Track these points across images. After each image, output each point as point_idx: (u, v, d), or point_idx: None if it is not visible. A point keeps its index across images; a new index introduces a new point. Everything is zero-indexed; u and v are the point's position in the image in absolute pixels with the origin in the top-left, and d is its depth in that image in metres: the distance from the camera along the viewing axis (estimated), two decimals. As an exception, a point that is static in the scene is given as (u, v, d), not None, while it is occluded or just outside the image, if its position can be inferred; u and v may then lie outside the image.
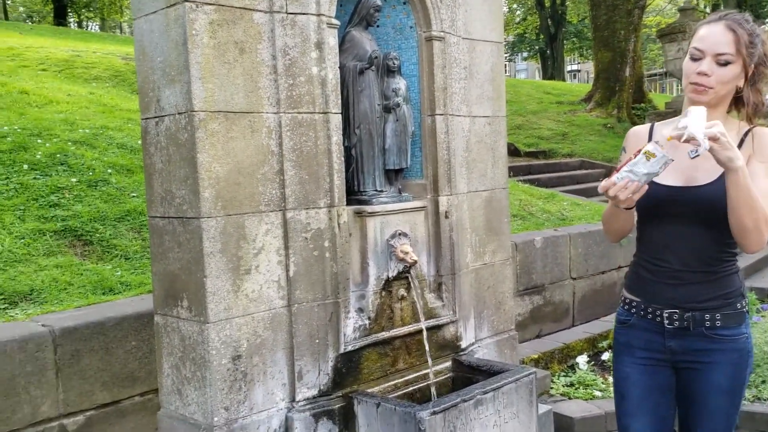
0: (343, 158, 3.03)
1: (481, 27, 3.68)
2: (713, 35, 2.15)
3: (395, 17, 3.50)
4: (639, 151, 2.03)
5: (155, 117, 2.77)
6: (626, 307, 2.45)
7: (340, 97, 3.04)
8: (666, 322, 2.31)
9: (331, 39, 2.96)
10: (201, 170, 2.58)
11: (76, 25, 38.17)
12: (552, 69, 34.62)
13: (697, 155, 2.18)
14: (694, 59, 2.17)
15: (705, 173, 2.21)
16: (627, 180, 2.05)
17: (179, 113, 2.63)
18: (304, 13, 2.86)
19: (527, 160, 12.27)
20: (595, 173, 12.20)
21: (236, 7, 2.69)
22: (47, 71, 10.59)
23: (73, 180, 5.53)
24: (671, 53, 12.70)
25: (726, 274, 2.28)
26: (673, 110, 12.47)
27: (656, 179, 2.22)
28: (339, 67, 3.07)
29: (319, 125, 2.92)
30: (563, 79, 35.71)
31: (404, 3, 3.43)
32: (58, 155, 5.90)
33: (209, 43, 2.61)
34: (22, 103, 7.38)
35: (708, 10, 32.57)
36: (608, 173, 9.17)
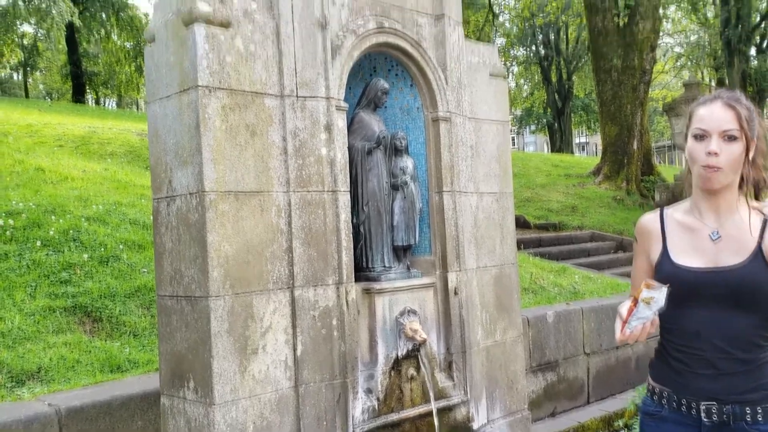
0: (351, 235, 3.06)
1: (487, 108, 3.77)
2: (714, 113, 2.09)
3: (402, 99, 3.60)
4: (636, 300, 2.05)
5: (167, 197, 2.82)
6: (655, 397, 2.25)
7: (348, 176, 3.09)
8: (703, 415, 2.10)
9: (340, 121, 3.04)
10: (210, 250, 2.60)
11: (93, 101, 39.33)
12: (560, 142, 35.04)
13: (719, 237, 2.11)
14: (697, 140, 2.14)
15: (732, 254, 2.10)
16: (639, 327, 2.05)
17: (190, 194, 2.68)
18: (314, 97, 2.95)
19: (537, 233, 12.27)
20: (606, 246, 12.16)
21: (248, 92, 2.78)
22: (64, 147, 10.82)
23: (85, 256, 5.57)
24: (678, 127, 12.86)
25: (764, 362, 2.08)
26: (682, 182, 12.50)
27: (679, 261, 2.16)
28: (348, 147, 3.14)
29: (327, 204, 2.96)
30: (572, 152, 36.10)
31: (411, 86, 3.53)
32: (71, 231, 5.97)
33: (221, 127, 2.68)
34: (38, 180, 7.51)
35: (713, 83, 33.17)
36: (619, 246, 9.06)
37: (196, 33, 2.62)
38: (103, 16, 28.19)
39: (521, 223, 12.54)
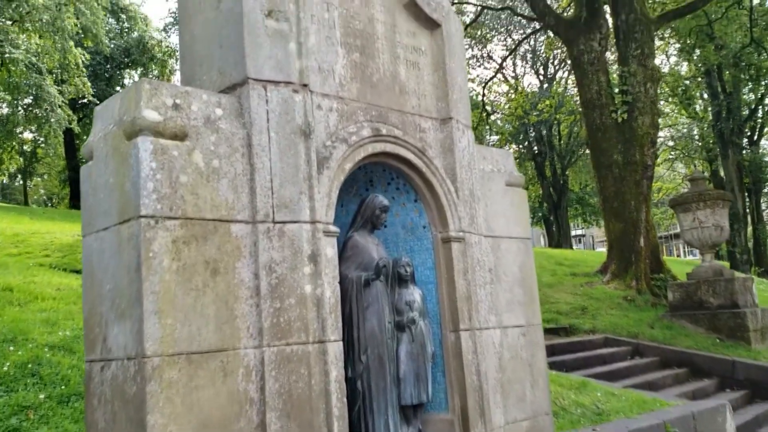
0: (345, 398, 2.35)
1: (505, 222, 3.16)
2: None
3: (405, 216, 2.99)
4: None
5: (101, 360, 2.14)
6: None
7: (340, 318, 2.43)
8: None
9: (329, 249, 2.41)
10: (151, 438, 1.91)
11: (91, 207, 38.79)
12: (558, 236, 34.69)
13: None
14: None
15: None
16: None
17: (128, 358, 2.01)
18: (295, 221, 2.34)
19: (549, 339, 11.44)
20: (622, 352, 11.33)
21: (209, 220, 2.16)
22: (50, 257, 10.22)
23: (42, 396, 4.80)
24: (686, 223, 12.34)
25: None
26: (696, 281, 11.91)
27: None
28: (340, 280, 2.50)
29: (313, 359, 2.27)
30: (570, 246, 35.66)
31: (415, 200, 2.93)
32: (29, 365, 5.21)
33: (171, 267, 2.05)
34: (2, 302, 6.82)
35: (706, 175, 33.07)
36: (635, 351, 8.21)
37: (140, 148, 2.04)
38: (101, 123, 28.28)
39: (530, 330, 11.69)
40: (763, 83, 26.61)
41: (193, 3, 2.52)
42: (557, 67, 31.17)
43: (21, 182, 40.01)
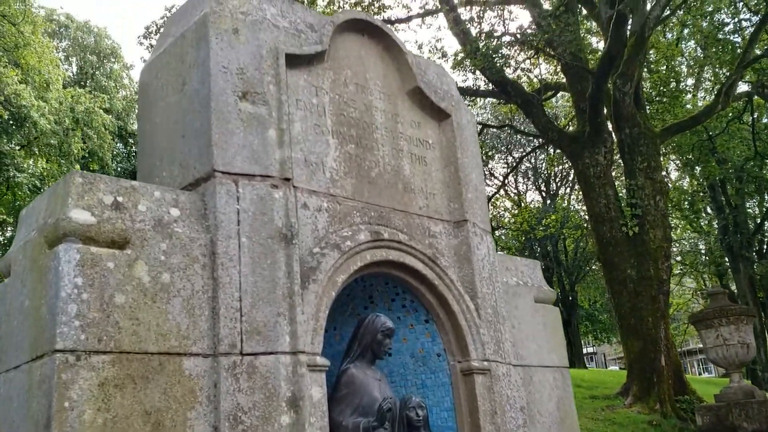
0: None
1: (537, 348, 2.59)
2: None
3: (414, 341, 2.43)
4: None
5: None
6: None
7: (331, 483, 1.83)
8: None
9: (316, 389, 1.85)
10: None
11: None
12: (571, 354, 33.55)
13: None
14: None
15: None
16: None
17: None
18: (270, 353, 1.79)
19: (571, 472, 10.44)
20: (654, 485, 10.30)
21: (152, 353, 1.62)
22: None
23: None
24: (710, 340, 11.59)
25: None
26: (726, 403, 11.03)
27: None
28: (331, 429, 1.91)
29: None
30: (583, 364, 34.45)
31: (426, 321, 2.38)
32: None
33: (95, 422, 1.48)
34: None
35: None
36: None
37: (62, 258, 1.53)
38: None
39: (552, 462, 10.72)
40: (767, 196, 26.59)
41: (155, 88, 2.11)
42: (559, 184, 31.38)
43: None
